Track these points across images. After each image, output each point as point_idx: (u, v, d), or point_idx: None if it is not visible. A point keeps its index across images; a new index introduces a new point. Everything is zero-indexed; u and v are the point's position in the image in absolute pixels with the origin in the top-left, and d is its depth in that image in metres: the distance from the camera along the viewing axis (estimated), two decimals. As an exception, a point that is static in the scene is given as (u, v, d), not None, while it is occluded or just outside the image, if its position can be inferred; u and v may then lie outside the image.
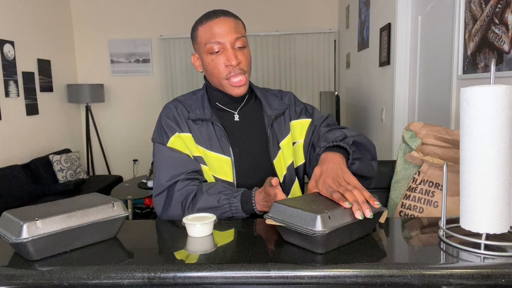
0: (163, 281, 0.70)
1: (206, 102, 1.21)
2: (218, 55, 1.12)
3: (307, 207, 0.79)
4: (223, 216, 1.06)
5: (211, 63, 1.14)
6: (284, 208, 0.80)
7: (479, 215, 0.75)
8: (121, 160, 5.34)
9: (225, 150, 1.16)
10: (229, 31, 1.11)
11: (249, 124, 1.21)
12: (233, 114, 1.21)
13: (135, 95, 5.29)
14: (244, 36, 1.15)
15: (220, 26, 1.11)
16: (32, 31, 4.31)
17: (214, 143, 1.16)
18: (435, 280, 0.68)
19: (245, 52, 1.15)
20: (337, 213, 0.77)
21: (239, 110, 1.22)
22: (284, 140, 1.21)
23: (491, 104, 0.72)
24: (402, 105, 2.71)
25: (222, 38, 1.11)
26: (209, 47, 1.12)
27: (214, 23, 1.12)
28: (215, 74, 1.15)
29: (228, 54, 1.11)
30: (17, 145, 4.02)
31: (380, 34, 3.03)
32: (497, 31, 1.50)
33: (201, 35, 1.14)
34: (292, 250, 0.77)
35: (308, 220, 0.75)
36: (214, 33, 1.11)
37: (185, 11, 5.12)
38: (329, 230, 0.73)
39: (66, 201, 0.87)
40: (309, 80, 5.19)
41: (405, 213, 1.37)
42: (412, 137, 1.45)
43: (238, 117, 1.21)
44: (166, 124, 1.18)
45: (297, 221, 0.77)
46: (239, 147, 1.18)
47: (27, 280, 0.71)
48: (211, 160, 1.16)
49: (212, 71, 1.15)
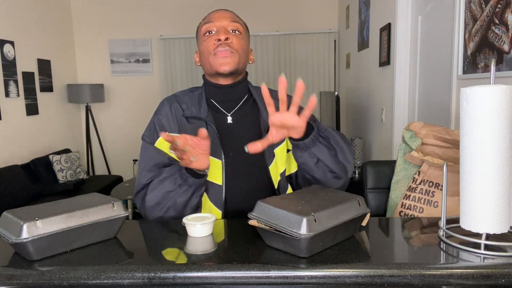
0: (163, 281, 0.70)
1: (203, 100, 1.19)
2: (211, 35, 1.14)
3: (293, 208, 0.76)
4: (181, 192, 1.05)
5: (203, 44, 1.15)
6: (268, 208, 0.78)
7: (479, 215, 0.75)
8: (121, 160, 5.34)
9: (217, 153, 1.14)
10: (224, 17, 1.15)
11: (243, 128, 1.18)
12: (226, 116, 1.19)
13: (135, 95, 5.29)
14: (240, 23, 1.17)
15: (217, 13, 1.17)
16: (32, 31, 4.31)
17: None
18: (435, 280, 0.68)
19: (240, 37, 1.16)
20: (323, 215, 0.75)
21: (233, 113, 1.19)
22: (279, 147, 1.18)
23: (491, 104, 0.72)
24: (402, 105, 2.71)
25: (217, 20, 1.14)
26: (203, 30, 1.15)
27: (212, 13, 1.18)
28: (205, 53, 1.15)
29: (220, 32, 1.13)
30: (17, 145, 4.02)
31: (380, 34, 3.03)
32: (497, 31, 1.50)
33: (201, 28, 1.17)
34: (292, 250, 0.77)
35: (293, 223, 0.73)
36: (210, 18, 1.16)
37: (185, 11, 5.12)
38: (314, 234, 0.72)
39: (66, 201, 0.87)
40: (309, 80, 5.18)
41: (405, 213, 1.37)
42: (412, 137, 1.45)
43: (231, 119, 1.19)
44: (158, 121, 1.17)
45: (281, 222, 0.75)
46: (232, 151, 1.15)
47: (27, 280, 0.71)
48: None
49: (204, 51, 1.15)
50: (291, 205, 0.78)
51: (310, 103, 0.86)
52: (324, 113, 4.04)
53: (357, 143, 3.45)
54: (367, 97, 3.58)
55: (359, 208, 0.83)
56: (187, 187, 1.05)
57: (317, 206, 0.78)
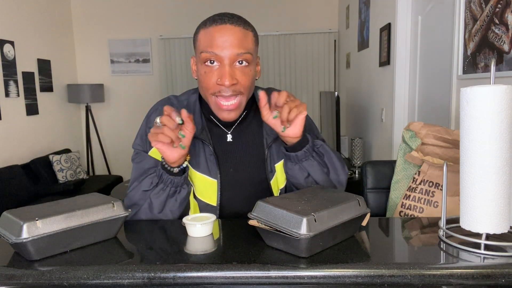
0: (163, 281, 0.70)
1: (198, 112, 1.08)
2: (212, 69, 0.97)
3: (293, 208, 0.76)
4: (157, 191, 0.98)
5: (203, 75, 0.98)
6: (268, 208, 0.78)
7: (479, 215, 0.75)
8: (121, 160, 5.34)
9: (212, 172, 1.05)
10: (231, 44, 0.94)
11: (244, 144, 1.09)
12: (226, 134, 1.09)
13: (135, 95, 5.29)
14: (250, 52, 0.97)
15: (222, 35, 0.95)
16: (32, 31, 4.31)
17: (202, 162, 1.05)
18: (435, 280, 0.68)
19: (247, 71, 0.98)
20: (323, 215, 0.75)
21: (233, 130, 1.10)
22: (280, 163, 1.11)
23: (491, 104, 0.72)
24: (402, 105, 2.71)
25: (221, 50, 0.94)
26: (204, 57, 0.96)
27: (216, 30, 0.95)
28: (203, 88, 1.00)
29: (223, 71, 0.95)
30: (17, 145, 4.02)
31: (380, 34, 3.03)
32: (497, 31, 1.50)
33: (200, 40, 0.99)
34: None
35: (293, 223, 0.73)
36: (213, 42, 0.95)
37: (185, 11, 5.12)
38: (314, 234, 0.72)
39: (66, 201, 0.87)
40: (309, 80, 5.18)
41: (405, 213, 1.37)
42: (412, 137, 1.45)
43: (231, 138, 1.09)
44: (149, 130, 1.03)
45: (281, 222, 0.75)
46: (233, 167, 1.08)
47: (27, 280, 0.71)
48: (195, 180, 1.06)
49: (201, 84, 1.00)
50: (291, 205, 0.78)
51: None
52: (324, 113, 4.04)
53: (357, 143, 3.45)
54: (367, 97, 3.58)
55: (359, 208, 0.83)
56: (162, 186, 0.97)
57: (317, 206, 0.78)
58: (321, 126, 4.26)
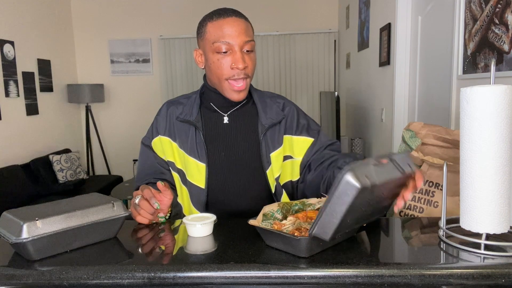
0: (163, 281, 0.70)
1: (196, 104, 1.18)
2: (225, 56, 1.09)
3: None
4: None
5: (216, 62, 1.10)
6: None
7: (479, 215, 0.75)
8: (121, 160, 5.33)
9: (201, 157, 1.14)
10: (239, 33, 1.08)
11: (239, 129, 1.17)
12: (222, 116, 1.18)
13: (135, 95, 5.29)
14: (253, 40, 1.13)
15: (231, 26, 1.08)
16: (32, 31, 4.31)
17: (192, 148, 1.15)
18: (435, 280, 0.68)
19: (252, 56, 1.13)
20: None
21: (231, 113, 1.19)
22: (275, 152, 1.16)
23: (491, 104, 0.72)
24: (402, 105, 2.71)
25: (232, 39, 1.07)
26: (217, 46, 1.08)
27: (225, 22, 1.08)
28: (217, 74, 1.11)
29: (236, 57, 1.08)
30: (17, 145, 4.02)
31: (380, 34, 3.03)
32: (497, 31, 1.50)
33: (210, 32, 1.10)
34: (292, 250, 0.77)
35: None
36: (224, 33, 1.08)
37: (185, 11, 5.12)
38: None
39: (66, 201, 0.87)
40: (309, 80, 5.18)
41: (405, 213, 1.37)
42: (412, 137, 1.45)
43: (228, 120, 1.18)
44: (155, 123, 1.22)
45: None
46: (224, 152, 1.15)
47: (27, 280, 0.71)
48: (188, 164, 1.15)
49: (215, 70, 1.11)
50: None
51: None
52: (324, 113, 4.04)
53: (357, 143, 3.45)
54: (367, 97, 3.58)
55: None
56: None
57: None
58: (321, 126, 4.26)
